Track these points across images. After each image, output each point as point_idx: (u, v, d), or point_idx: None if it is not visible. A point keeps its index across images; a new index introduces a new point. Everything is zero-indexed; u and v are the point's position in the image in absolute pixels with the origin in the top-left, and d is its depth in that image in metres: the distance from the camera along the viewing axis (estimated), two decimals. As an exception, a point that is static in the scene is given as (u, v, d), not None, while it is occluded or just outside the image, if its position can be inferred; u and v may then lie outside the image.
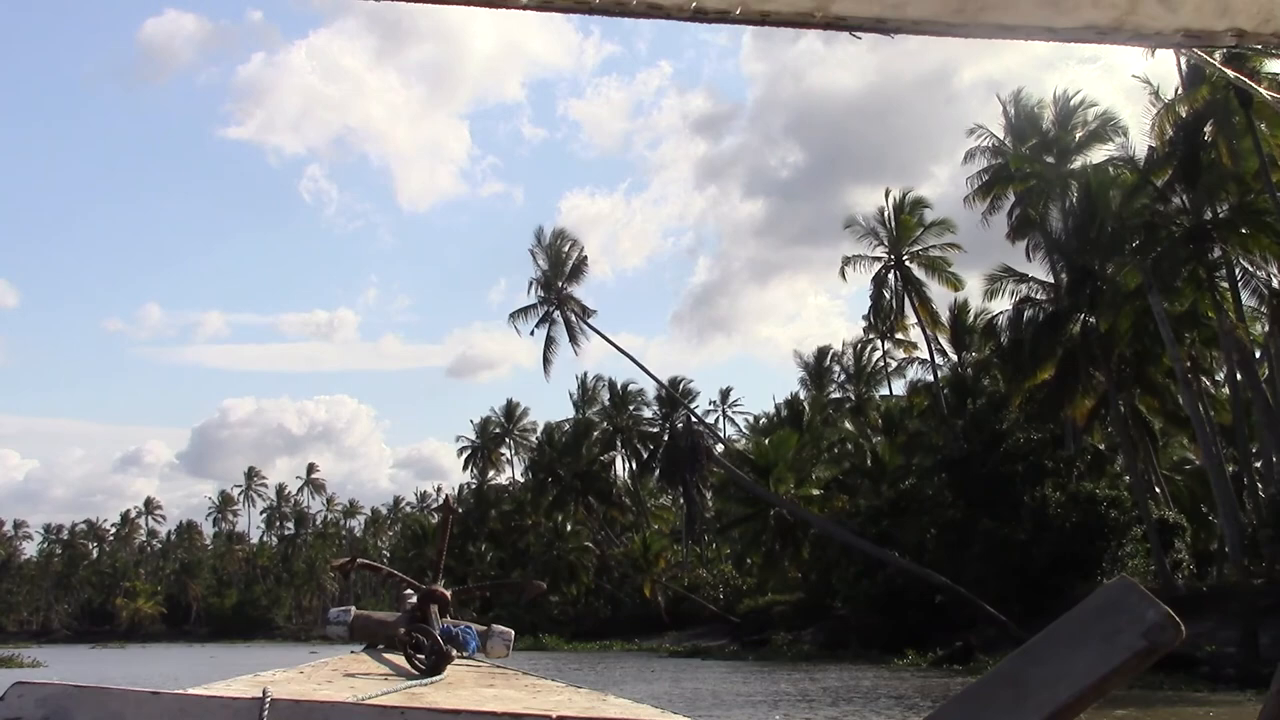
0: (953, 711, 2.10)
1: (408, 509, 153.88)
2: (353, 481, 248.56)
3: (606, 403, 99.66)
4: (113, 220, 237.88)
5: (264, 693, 2.48)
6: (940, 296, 62.88)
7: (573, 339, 70.03)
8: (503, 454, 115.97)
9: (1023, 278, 47.55)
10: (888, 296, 61.95)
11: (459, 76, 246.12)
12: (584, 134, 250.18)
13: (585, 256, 71.42)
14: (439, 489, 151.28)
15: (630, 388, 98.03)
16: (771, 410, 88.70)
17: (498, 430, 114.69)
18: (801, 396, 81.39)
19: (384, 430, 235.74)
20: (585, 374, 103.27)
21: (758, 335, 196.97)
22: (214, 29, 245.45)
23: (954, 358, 63.66)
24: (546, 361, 71.98)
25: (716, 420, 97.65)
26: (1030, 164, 52.26)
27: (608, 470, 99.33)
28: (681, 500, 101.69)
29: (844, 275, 62.89)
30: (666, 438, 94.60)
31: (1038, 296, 46.90)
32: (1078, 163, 51.11)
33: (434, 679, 4.05)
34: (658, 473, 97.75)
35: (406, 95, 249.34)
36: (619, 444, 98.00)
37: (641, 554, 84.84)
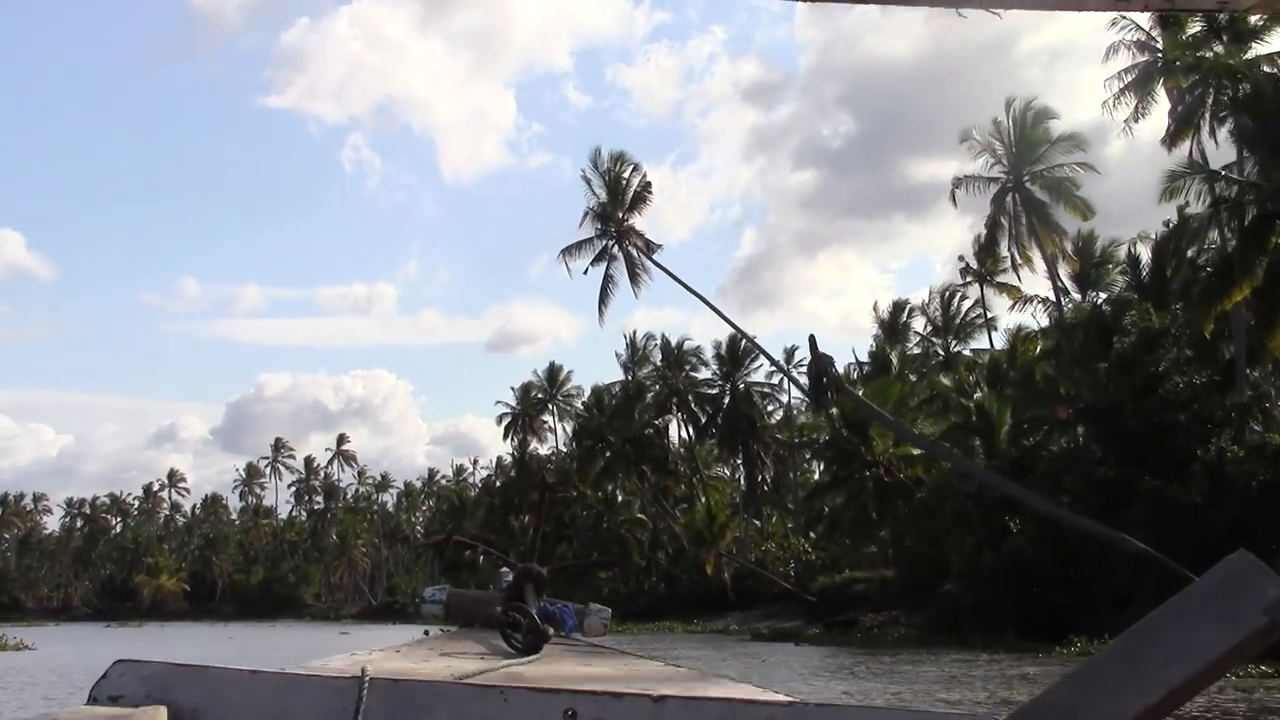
0: (1064, 691, 2.06)
1: (443, 482, 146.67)
2: (389, 458, 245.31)
3: (659, 363, 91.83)
4: (151, 193, 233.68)
5: (363, 671, 2.51)
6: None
7: (633, 278, 61.88)
8: (545, 421, 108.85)
9: (1213, 174, 38.85)
10: (1005, 223, 53.71)
11: (505, 44, 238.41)
12: (633, 102, 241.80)
13: (649, 183, 63.30)
14: (475, 461, 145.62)
15: (685, 345, 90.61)
16: (840, 371, 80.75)
17: (540, 396, 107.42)
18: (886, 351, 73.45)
19: (421, 406, 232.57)
20: (634, 332, 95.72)
21: (802, 309, 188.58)
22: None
23: (1078, 296, 55.38)
24: (603, 303, 63.96)
25: (781, 381, 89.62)
26: (1192, 54, 43.63)
27: (662, 436, 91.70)
28: (739, 470, 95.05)
29: (954, 199, 55.95)
30: (727, 400, 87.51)
31: (1245, 198, 38.09)
32: (1258, 49, 42.48)
33: (532, 658, 4.01)
34: (715, 439, 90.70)
35: (451, 63, 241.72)
36: (674, 407, 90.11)
37: (705, 525, 77.01)
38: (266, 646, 55.85)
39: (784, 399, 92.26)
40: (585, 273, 64.05)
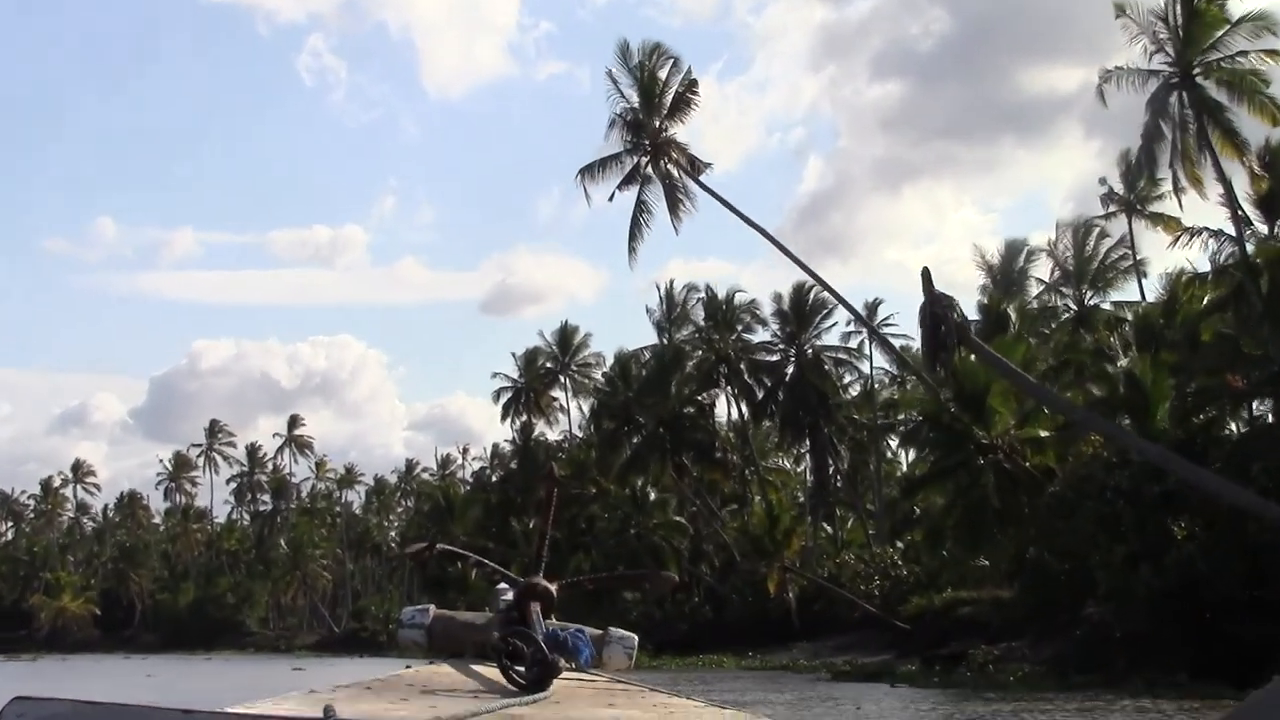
0: None
1: (425, 476, 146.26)
2: (356, 447, 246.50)
3: (703, 322, 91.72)
4: (55, 110, 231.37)
5: (327, 711, 2.54)
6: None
7: (673, 206, 60.04)
8: (555, 398, 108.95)
9: None
10: (1166, 132, 51.67)
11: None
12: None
13: (694, 81, 61.49)
14: (465, 450, 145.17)
15: (737, 299, 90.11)
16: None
17: (549, 366, 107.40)
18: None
19: (398, 381, 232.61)
20: (671, 283, 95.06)
21: (882, 260, 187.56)
22: None
23: (1264, 228, 53.50)
24: (633, 238, 62.47)
25: (861, 344, 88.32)
26: None
27: (707, 416, 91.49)
28: (806, 460, 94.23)
29: (1102, 97, 54.10)
30: (791, 369, 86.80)
31: None
32: None
33: (537, 696, 3.90)
34: (776, 420, 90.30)
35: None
36: (723, 378, 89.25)
37: (764, 532, 75.70)
38: (198, 686, 55.60)
39: (864, 368, 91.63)
40: (611, 199, 62.76)
